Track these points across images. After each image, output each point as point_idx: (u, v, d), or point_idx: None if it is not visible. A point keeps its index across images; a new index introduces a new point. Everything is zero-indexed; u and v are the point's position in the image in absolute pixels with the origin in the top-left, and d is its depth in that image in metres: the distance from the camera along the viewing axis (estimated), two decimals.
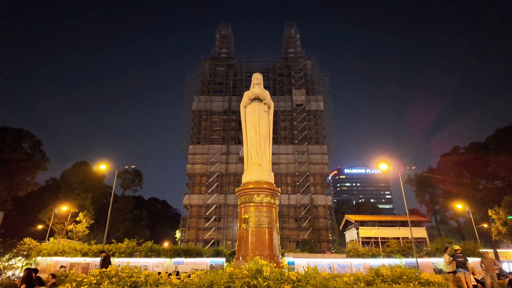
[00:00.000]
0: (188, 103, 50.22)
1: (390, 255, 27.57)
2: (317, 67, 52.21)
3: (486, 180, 41.88)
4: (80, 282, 9.47)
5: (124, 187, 50.21)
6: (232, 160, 45.99)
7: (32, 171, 35.87)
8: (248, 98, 12.16)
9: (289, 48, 55.38)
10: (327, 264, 27.00)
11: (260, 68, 52.07)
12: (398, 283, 9.52)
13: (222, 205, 43.50)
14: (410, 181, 50.05)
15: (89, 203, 38.14)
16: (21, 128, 36.62)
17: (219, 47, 55.54)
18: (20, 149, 34.97)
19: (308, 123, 47.92)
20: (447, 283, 10.15)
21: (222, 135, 47.60)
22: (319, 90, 50.56)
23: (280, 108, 48.49)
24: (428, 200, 49.14)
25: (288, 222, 42.63)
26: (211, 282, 5.86)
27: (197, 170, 45.36)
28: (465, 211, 39.11)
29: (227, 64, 52.54)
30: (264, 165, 11.30)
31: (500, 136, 39.09)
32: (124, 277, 9.96)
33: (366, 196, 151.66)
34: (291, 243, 41.01)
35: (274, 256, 9.72)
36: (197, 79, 51.32)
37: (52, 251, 25.62)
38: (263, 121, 11.97)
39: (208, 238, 41.43)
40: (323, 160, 46.07)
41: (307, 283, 5.86)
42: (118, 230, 44.24)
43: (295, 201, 43.78)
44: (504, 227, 31.78)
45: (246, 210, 10.40)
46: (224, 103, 49.39)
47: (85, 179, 44.36)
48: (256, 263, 6.42)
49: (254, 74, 12.83)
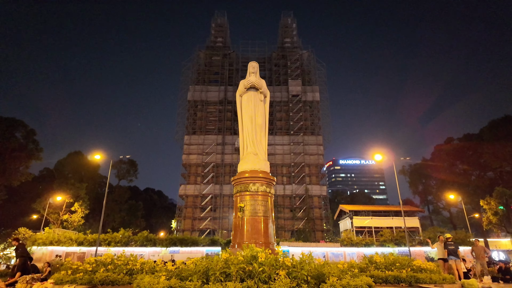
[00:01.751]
0: (183, 93, 49.79)
1: (383, 244, 28.04)
2: (313, 57, 51.90)
3: (479, 171, 42.47)
4: (75, 269, 9.51)
5: (119, 178, 50.02)
6: (228, 150, 45.95)
7: (25, 161, 35.49)
8: (244, 87, 12.05)
9: (285, 37, 54.84)
10: (321, 252, 27.40)
11: (256, 58, 51.54)
12: (391, 270, 9.70)
13: (217, 195, 43.64)
14: (404, 172, 50.63)
15: (84, 193, 38.00)
16: (13, 117, 36.09)
17: (214, 36, 54.82)
18: (13, 138, 34.52)
19: (304, 113, 47.87)
20: (438, 270, 10.36)
21: (218, 126, 47.41)
22: (315, 80, 50.38)
23: (276, 98, 48.29)
24: (421, 191, 49.81)
25: (283, 212, 42.99)
26: (206, 268, 5.90)
27: (192, 161, 45.28)
28: (457, 201, 39.77)
29: (223, 54, 51.95)
30: (260, 155, 11.29)
31: (494, 127, 39.49)
32: (120, 265, 10.02)
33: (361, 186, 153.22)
34: (286, 233, 41.43)
35: (269, 243, 9.80)
36: (192, 68, 50.76)
37: (47, 241, 25.61)
38: (259, 110, 11.90)
39: (204, 227, 41.67)
40: (319, 151, 46.24)
41: (301, 269, 5.93)
42: (113, 220, 44.25)
43: (290, 191, 44.06)
44: (495, 217, 32.38)
45: (241, 199, 10.43)
46: (220, 93, 49.03)
47: (79, 169, 44.06)
48: (252, 250, 6.47)
49: (250, 63, 12.67)
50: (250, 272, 5.66)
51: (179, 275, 6.18)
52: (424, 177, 48.93)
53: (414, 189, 50.16)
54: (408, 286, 8.72)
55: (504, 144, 36.17)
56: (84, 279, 8.79)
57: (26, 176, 35.70)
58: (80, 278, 8.89)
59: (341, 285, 5.69)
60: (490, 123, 40.99)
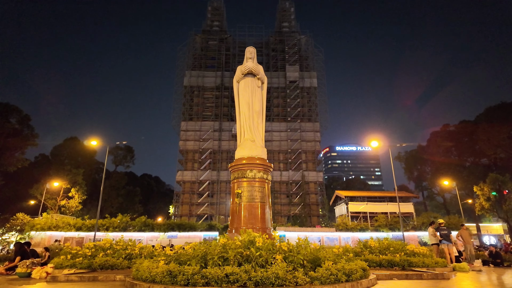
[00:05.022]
0: (179, 78, 49.20)
1: (378, 229, 28.59)
2: (311, 42, 51.24)
3: (474, 158, 42.94)
4: (75, 254, 9.63)
5: (116, 163, 50.00)
6: (225, 137, 45.90)
7: (21, 147, 35.25)
8: (241, 72, 11.94)
9: (283, 22, 53.92)
10: (316, 237, 27.93)
11: (253, 43, 50.81)
12: (385, 254, 9.93)
13: (215, 181, 43.87)
14: (399, 158, 51.05)
15: (81, 179, 38.00)
16: (7, 103, 35.60)
17: (210, 20, 53.74)
18: (7, 124, 34.15)
19: (301, 100, 47.67)
20: (431, 254, 10.63)
21: (215, 112, 47.15)
22: (313, 66, 49.92)
23: (273, 84, 47.92)
24: (416, 177, 50.40)
25: (279, 198, 43.44)
26: (205, 253, 6.00)
27: (189, 147, 45.25)
28: (451, 187, 40.34)
29: (219, 38, 51.09)
30: (257, 141, 11.30)
31: (490, 114, 39.69)
32: (118, 250, 10.17)
33: (357, 173, 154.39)
34: (282, 218, 42.01)
35: (266, 229, 9.96)
36: (188, 53, 49.98)
37: (46, 226, 25.81)
38: (256, 96, 11.84)
39: (202, 213, 42.09)
40: (315, 137, 46.35)
41: (298, 253, 6.05)
42: (111, 205, 44.48)
43: (287, 177, 44.39)
44: (488, 202, 32.96)
45: (239, 185, 10.51)
46: (217, 78, 48.50)
47: (75, 155, 43.92)
48: (249, 235, 6.57)
49: (247, 48, 12.53)
50: (248, 257, 5.77)
51: (177, 259, 6.28)
52: (419, 163, 49.40)
53: (409, 175, 50.74)
54: (402, 269, 8.96)
55: (499, 131, 36.43)
56: (84, 263, 8.93)
57: (22, 161, 35.54)
58: (80, 262, 9.03)
59: (336, 269, 5.82)
60: (486, 109, 41.16)
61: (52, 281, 7.17)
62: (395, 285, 6.58)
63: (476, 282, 7.55)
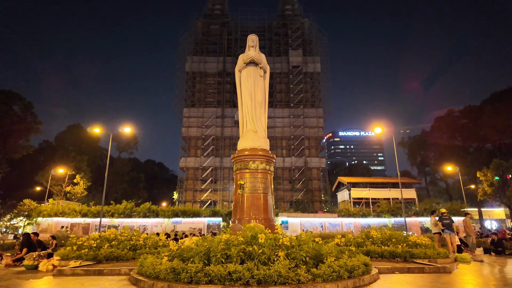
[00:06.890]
0: (181, 64, 48.59)
1: (380, 215, 28.73)
2: (315, 26, 50.09)
3: (478, 143, 42.63)
4: (80, 245, 9.79)
5: (120, 150, 50.23)
6: (228, 123, 45.74)
7: (25, 134, 35.45)
8: (243, 61, 11.73)
9: (286, 5, 52.55)
10: (319, 223, 28.16)
11: (256, 27, 49.76)
12: (387, 245, 9.98)
13: (218, 168, 44.09)
14: (403, 144, 50.80)
15: (85, 166, 38.38)
16: (9, 90, 35.54)
17: (212, 3, 52.47)
18: (10, 111, 34.23)
19: (304, 85, 47.07)
20: (433, 244, 10.68)
21: (217, 98, 46.80)
22: (316, 51, 48.98)
23: (276, 70, 47.22)
24: (419, 162, 50.28)
25: (282, 184, 43.69)
26: (208, 249, 6.04)
27: (192, 134, 45.22)
28: (454, 173, 40.28)
29: (221, 22, 50.04)
30: (260, 132, 11.22)
31: (495, 99, 39.08)
32: (123, 241, 10.30)
33: (359, 158, 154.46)
34: (285, 203, 42.39)
35: (269, 219, 10.04)
36: (189, 38, 49.13)
37: (52, 212, 26.23)
38: (258, 86, 11.67)
39: (205, 199, 42.53)
40: (318, 123, 46.07)
41: (300, 250, 6.07)
42: (116, 191, 45.03)
43: (289, 163, 44.47)
44: (490, 188, 32.99)
45: (241, 176, 10.53)
46: (219, 64, 47.83)
47: (79, 142, 44.17)
48: (252, 230, 6.59)
49: (249, 36, 12.25)
50: (250, 254, 5.80)
51: (181, 255, 6.34)
52: (423, 149, 49.17)
53: (413, 161, 50.61)
54: (403, 261, 9.03)
55: (505, 116, 35.98)
56: (89, 255, 9.09)
57: (27, 149, 35.83)
58: (85, 254, 9.19)
59: (338, 265, 5.85)
60: (492, 95, 40.54)
61: (58, 274, 7.30)
62: (397, 280, 6.63)
63: (478, 276, 7.58)
